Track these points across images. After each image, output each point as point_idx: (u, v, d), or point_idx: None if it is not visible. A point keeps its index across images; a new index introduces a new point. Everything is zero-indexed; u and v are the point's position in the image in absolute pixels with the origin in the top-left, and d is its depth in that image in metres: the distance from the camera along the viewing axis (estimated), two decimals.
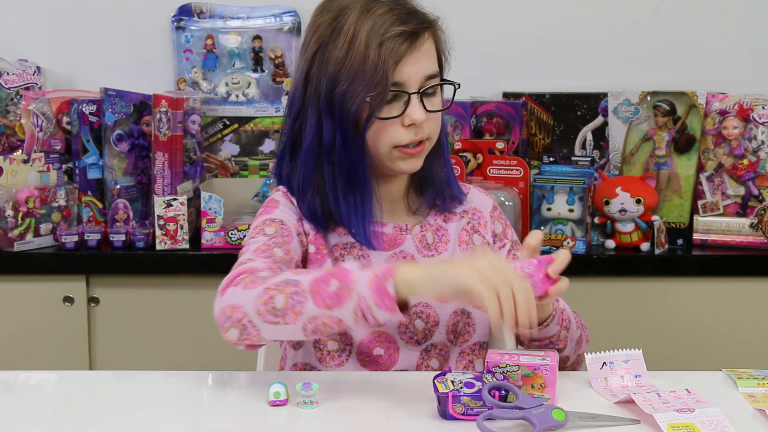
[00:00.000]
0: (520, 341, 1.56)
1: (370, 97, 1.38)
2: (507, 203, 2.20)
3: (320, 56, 1.42)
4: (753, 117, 2.33)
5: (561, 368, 1.45)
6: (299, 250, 1.45)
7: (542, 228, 2.27)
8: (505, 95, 2.54)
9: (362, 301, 1.22)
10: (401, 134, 1.42)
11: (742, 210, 2.36)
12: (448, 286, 1.23)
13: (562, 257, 1.31)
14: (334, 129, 1.41)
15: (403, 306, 1.24)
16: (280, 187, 1.53)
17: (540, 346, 1.46)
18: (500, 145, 2.35)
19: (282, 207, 1.48)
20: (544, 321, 1.42)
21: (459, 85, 1.47)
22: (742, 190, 2.36)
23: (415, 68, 1.41)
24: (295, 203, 1.49)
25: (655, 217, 2.29)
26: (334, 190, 1.45)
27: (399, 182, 1.52)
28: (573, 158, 2.33)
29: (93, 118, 2.37)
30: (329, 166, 1.44)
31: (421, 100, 1.42)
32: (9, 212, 2.23)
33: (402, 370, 1.49)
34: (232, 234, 2.29)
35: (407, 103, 1.41)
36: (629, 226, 2.30)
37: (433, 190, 1.53)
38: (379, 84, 1.38)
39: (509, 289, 1.20)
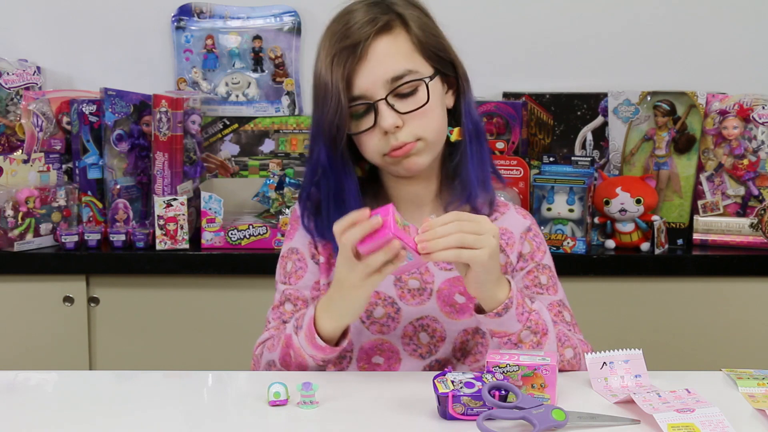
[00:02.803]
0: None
1: (336, 117, 1.38)
2: None
3: (314, 69, 1.45)
4: (753, 117, 2.33)
5: None
6: (315, 272, 1.53)
7: (542, 228, 2.27)
8: (505, 95, 2.54)
9: (315, 358, 1.39)
10: (381, 143, 1.41)
11: (742, 210, 2.36)
12: (354, 312, 1.37)
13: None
14: (324, 149, 1.42)
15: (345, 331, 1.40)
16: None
17: (501, 343, 1.37)
18: (500, 145, 2.35)
19: (299, 230, 1.54)
20: (495, 307, 1.34)
21: (429, 78, 1.42)
22: (742, 190, 2.36)
23: (369, 77, 1.39)
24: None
25: (655, 217, 2.29)
26: (327, 209, 1.46)
27: (426, 183, 1.49)
28: (573, 158, 2.33)
29: (93, 118, 2.37)
30: (325, 186, 1.46)
31: (392, 106, 1.39)
32: (9, 212, 2.23)
33: None
34: (232, 234, 2.29)
35: (377, 112, 1.39)
36: (629, 226, 2.30)
37: (463, 191, 1.47)
38: (339, 102, 1.37)
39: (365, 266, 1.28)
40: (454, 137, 1.48)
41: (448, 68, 1.46)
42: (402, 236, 1.26)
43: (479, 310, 1.37)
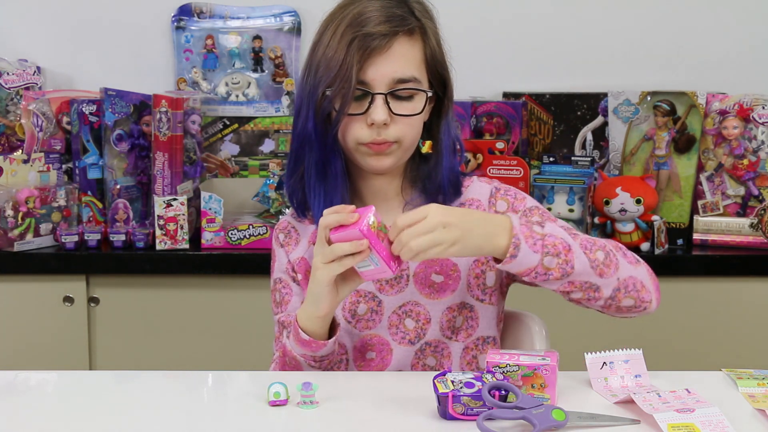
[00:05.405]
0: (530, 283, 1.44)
1: (334, 92, 1.41)
2: None
3: (316, 46, 1.46)
4: (753, 117, 2.33)
5: (607, 306, 1.39)
6: (299, 293, 1.55)
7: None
8: (505, 95, 2.54)
9: (305, 357, 1.42)
10: (364, 132, 1.44)
11: (742, 210, 2.36)
12: (320, 298, 1.36)
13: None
14: (312, 119, 1.45)
15: (333, 326, 1.42)
16: (287, 213, 1.59)
17: (530, 279, 1.35)
18: (500, 145, 2.35)
19: (278, 256, 1.58)
20: (502, 257, 1.33)
21: (430, 93, 1.46)
22: (742, 190, 2.36)
23: (382, 69, 1.41)
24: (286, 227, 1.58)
25: (655, 217, 2.29)
26: (308, 179, 1.49)
27: (390, 179, 1.52)
28: (573, 158, 2.33)
29: (93, 118, 2.37)
30: (309, 156, 1.48)
31: (388, 103, 1.42)
32: (9, 212, 2.23)
33: (396, 371, 1.50)
34: (232, 234, 2.29)
35: (371, 103, 1.42)
36: (629, 226, 2.30)
37: (427, 187, 1.51)
38: (344, 80, 1.40)
39: (331, 255, 1.32)
40: (425, 149, 1.52)
41: (440, 86, 1.50)
42: (371, 237, 1.29)
43: (497, 260, 1.37)
